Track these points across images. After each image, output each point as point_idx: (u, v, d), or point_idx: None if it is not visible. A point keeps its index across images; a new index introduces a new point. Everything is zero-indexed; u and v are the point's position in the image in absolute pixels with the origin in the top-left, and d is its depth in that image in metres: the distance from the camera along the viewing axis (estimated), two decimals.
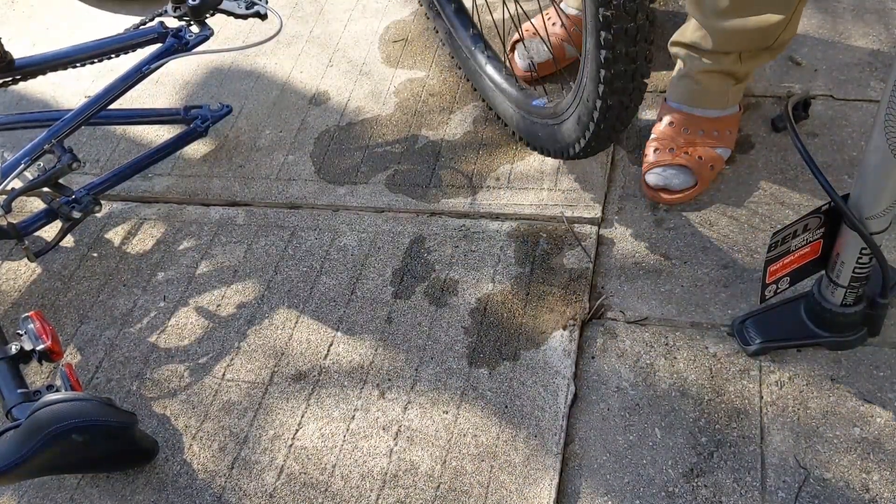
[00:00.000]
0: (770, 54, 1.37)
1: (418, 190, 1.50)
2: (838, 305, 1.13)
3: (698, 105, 1.41)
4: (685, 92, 1.41)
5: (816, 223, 1.06)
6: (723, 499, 1.06)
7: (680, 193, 1.38)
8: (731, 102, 1.42)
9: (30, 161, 1.37)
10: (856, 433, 1.10)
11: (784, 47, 1.37)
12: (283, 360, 1.29)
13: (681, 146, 1.39)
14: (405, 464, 1.15)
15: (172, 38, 1.50)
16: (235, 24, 1.86)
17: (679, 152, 1.38)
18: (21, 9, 2.09)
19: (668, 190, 1.38)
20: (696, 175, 1.38)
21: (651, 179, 1.39)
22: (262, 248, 1.46)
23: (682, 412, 1.15)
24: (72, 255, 1.50)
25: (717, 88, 1.39)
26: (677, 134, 1.40)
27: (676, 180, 1.37)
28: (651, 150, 1.41)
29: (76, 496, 1.18)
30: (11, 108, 1.81)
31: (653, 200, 1.41)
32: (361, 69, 1.75)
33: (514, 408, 1.18)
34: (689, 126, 1.40)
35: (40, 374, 1.33)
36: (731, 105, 1.43)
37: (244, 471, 1.17)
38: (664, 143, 1.40)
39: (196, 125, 1.61)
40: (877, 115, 0.92)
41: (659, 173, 1.38)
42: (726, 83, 1.39)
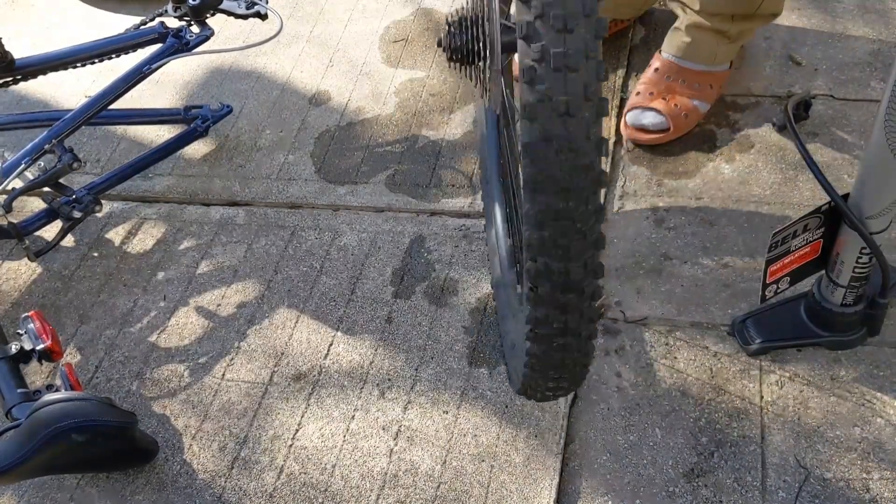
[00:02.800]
0: (761, 20, 1.43)
1: (418, 190, 1.50)
2: (838, 305, 1.13)
3: (686, 57, 1.47)
4: (676, 44, 1.47)
5: (816, 223, 1.06)
6: (723, 499, 1.06)
7: (653, 134, 1.45)
8: (720, 60, 1.47)
9: (30, 161, 1.37)
10: (856, 433, 1.10)
11: (774, 16, 1.43)
12: (283, 360, 1.29)
13: (661, 91, 1.46)
14: (405, 464, 1.15)
15: (173, 38, 1.50)
16: (236, 24, 1.86)
17: (657, 97, 1.46)
18: (21, 9, 2.09)
19: (643, 129, 1.46)
20: (669, 120, 1.44)
21: (629, 119, 1.47)
22: (263, 247, 1.46)
23: (682, 412, 1.15)
24: (72, 254, 1.50)
25: (706, 44, 1.44)
26: (660, 80, 1.47)
27: (650, 122, 1.45)
28: (634, 94, 1.49)
29: (76, 496, 1.18)
30: (11, 108, 1.81)
31: (629, 139, 1.48)
32: (362, 69, 1.75)
33: (514, 408, 1.18)
34: (672, 74, 1.47)
35: (40, 373, 1.33)
36: (721, 62, 1.48)
37: (244, 471, 1.17)
38: (647, 87, 1.48)
39: (196, 125, 1.61)
40: (877, 114, 0.92)
41: (636, 114, 1.46)
42: (717, 40, 1.44)
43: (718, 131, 1.49)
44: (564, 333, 0.85)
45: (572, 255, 0.79)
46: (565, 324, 0.84)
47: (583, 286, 0.81)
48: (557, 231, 0.77)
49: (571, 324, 0.84)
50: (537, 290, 0.82)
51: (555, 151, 0.74)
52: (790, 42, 1.61)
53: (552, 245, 0.78)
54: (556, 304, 0.83)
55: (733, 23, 1.41)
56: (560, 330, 0.85)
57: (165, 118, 1.67)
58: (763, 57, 1.59)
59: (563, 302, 0.82)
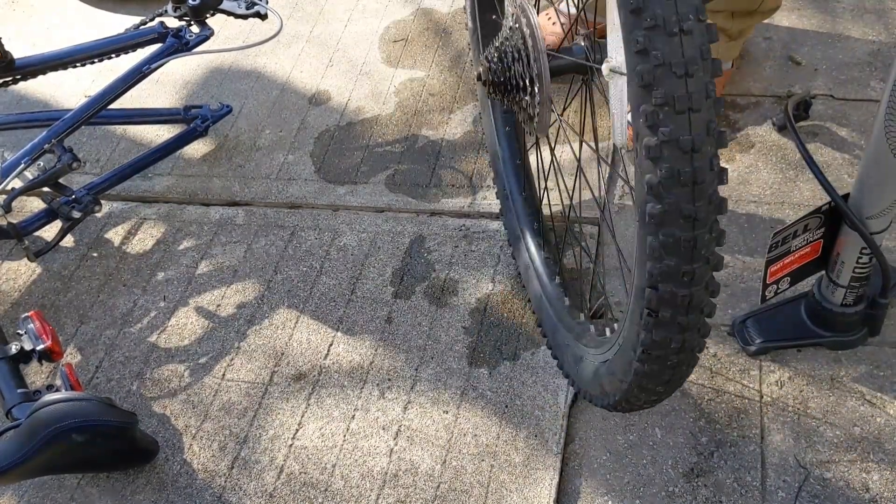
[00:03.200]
0: (761, 16, 1.42)
1: (418, 190, 1.50)
2: (838, 305, 1.13)
3: None
4: None
5: (816, 223, 1.06)
6: (723, 498, 1.06)
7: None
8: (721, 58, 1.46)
9: (30, 161, 1.37)
10: (856, 433, 1.10)
11: (773, 12, 1.43)
12: (283, 360, 1.29)
13: None
14: (405, 463, 1.15)
15: (172, 38, 1.50)
16: (235, 24, 1.86)
17: None
18: (21, 9, 2.09)
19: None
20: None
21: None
22: (262, 247, 1.46)
23: (682, 412, 1.15)
24: (72, 254, 1.50)
25: None
26: None
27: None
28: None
29: (76, 496, 1.18)
30: (11, 108, 1.81)
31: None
32: (361, 69, 1.75)
33: (514, 407, 1.18)
34: None
35: (40, 373, 1.33)
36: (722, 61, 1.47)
37: (244, 470, 1.17)
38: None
39: (196, 125, 1.61)
40: (877, 114, 0.92)
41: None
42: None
43: None
44: (680, 352, 0.88)
45: (696, 280, 0.83)
46: (682, 343, 0.87)
47: (702, 307, 0.85)
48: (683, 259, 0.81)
49: (688, 342, 0.87)
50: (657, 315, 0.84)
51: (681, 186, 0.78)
52: (790, 42, 1.61)
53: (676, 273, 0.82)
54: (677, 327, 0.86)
55: (734, 20, 1.41)
56: (676, 350, 0.88)
57: (165, 118, 1.67)
58: (763, 57, 1.59)
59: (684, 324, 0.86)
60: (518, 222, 1.32)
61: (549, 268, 1.25)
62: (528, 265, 1.27)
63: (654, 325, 0.85)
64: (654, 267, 0.82)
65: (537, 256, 1.27)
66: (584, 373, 1.07)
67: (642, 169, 0.79)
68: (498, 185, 1.39)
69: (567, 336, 1.13)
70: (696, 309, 0.85)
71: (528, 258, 1.28)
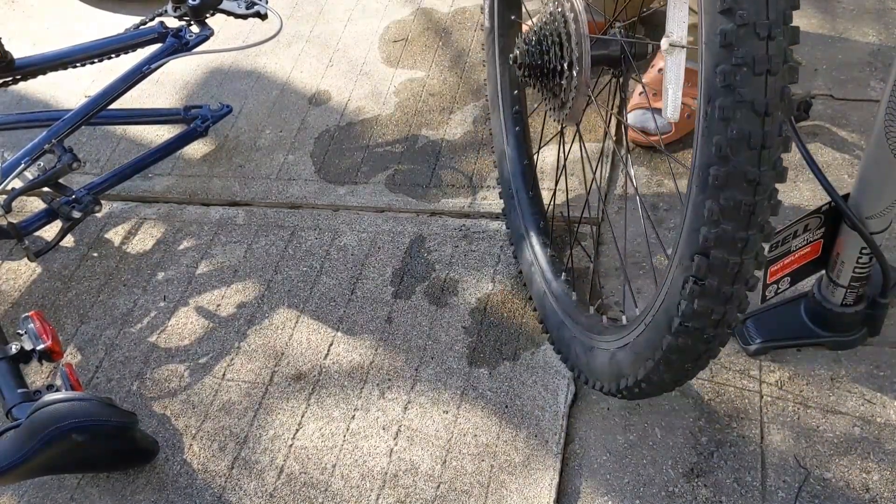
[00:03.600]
0: None
1: (418, 190, 1.50)
2: (838, 305, 1.13)
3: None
4: None
5: (817, 223, 1.06)
6: (723, 499, 1.06)
7: (656, 136, 1.46)
8: None
9: (30, 161, 1.37)
10: (856, 433, 1.10)
11: None
12: (283, 360, 1.29)
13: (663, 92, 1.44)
14: (405, 463, 1.15)
15: (172, 38, 1.50)
16: (235, 24, 1.86)
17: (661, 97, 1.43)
18: (21, 9, 2.09)
19: (645, 132, 1.45)
20: (672, 122, 1.45)
21: (631, 120, 1.46)
22: (262, 247, 1.46)
23: (682, 412, 1.15)
24: (72, 254, 1.50)
25: None
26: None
27: (652, 124, 1.44)
28: (637, 93, 1.48)
29: (76, 496, 1.18)
30: (11, 108, 1.81)
31: (630, 140, 1.47)
32: (361, 69, 1.75)
33: (514, 407, 1.18)
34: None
35: (40, 373, 1.33)
36: None
37: (244, 471, 1.17)
38: (650, 87, 1.48)
39: (196, 125, 1.61)
40: (877, 114, 0.92)
41: (639, 115, 1.46)
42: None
43: None
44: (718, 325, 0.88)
45: (748, 248, 0.82)
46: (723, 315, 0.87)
47: (748, 278, 0.85)
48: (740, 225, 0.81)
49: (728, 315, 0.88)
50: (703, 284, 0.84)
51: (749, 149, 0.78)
52: None
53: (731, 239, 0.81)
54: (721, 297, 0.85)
55: None
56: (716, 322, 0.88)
57: (165, 118, 1.67)
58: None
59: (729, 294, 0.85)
60: (523, 221, 1.33)
61: (555, 265, 1.25)
62: (532, 263, 1.28)
63: (698, 294, 0.85)
64: (710, 232, 0.82)
65: (542, 254, 1.27)
66: (595, 362, 1.07)
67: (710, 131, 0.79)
68: (503, 185, 1.39)
69: (575, 329, 1.14)
70: (742, 279, 0.85)
71: (531, 256, 1.29)
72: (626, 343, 1.01)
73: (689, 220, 0.84)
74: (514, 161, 1.37)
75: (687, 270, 0.85)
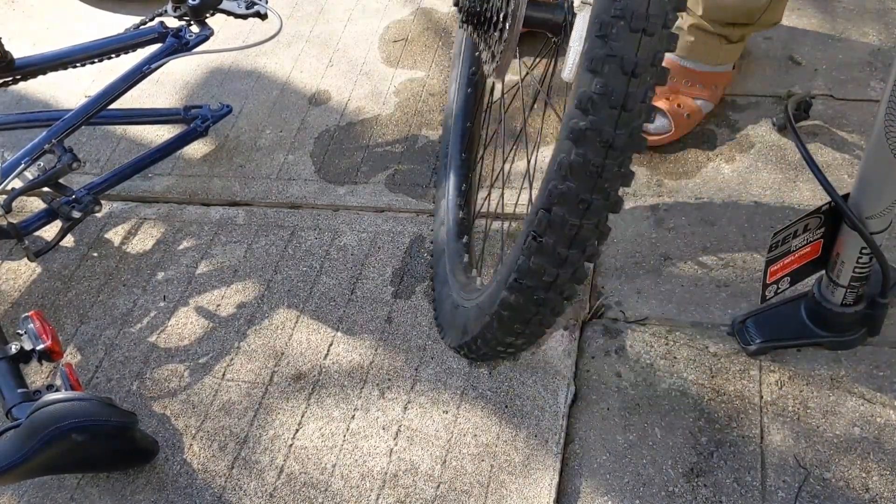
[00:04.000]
0: (760, 27, 1.45)
1: (418, 190, 1.50)
2: (838, 305, 1.13)
3: (689, 57, 1.47)
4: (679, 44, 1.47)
5: (817, 223, 1.06)
6: (723, 499, 1.06)
7: (656, 136, 1.45)
8: (722, 60, 1.48)
9: (30, 161, 1.37)
10: (856, 433, 1.10)
11: (773, 25, 1.45)
12: (283, 360, 1.29)
13: (664, 92, 1.46)
14: (405, 463, 1.15)
15: (172, 38, 1.50)
16: (235, 24, 1.86)
17: (660, 97, 1.46)
18: (21, 9, 2.09)
19: (645, 132, 1.44)
20: (672, 121, 1.45)
21: None
22: (262, 247, 1.46)
23: (682, 412, 1.15)
24: (72, 254, 1.50)
25: (709, 45, 1.45)
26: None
27: (653, 124, 1.44)
28: None
29: (76, 496, 1.18)
30: (11, 108, 1.81)
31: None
32: (361, 69, 1.75)
33: (514, 407, 1.18)
34: (676, 75, 1.47)
35: (40, 373, 1.33)
36: (724, 63, 1.49)
37: (244, 470, 1.17)
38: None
39: (196, 125, 1.61)
40: (877, 114, 0.92)
41: None
42: (719, 42, 1.45)
43: (718, 131, 1.49)
44: (549, 289, 0.86)
45: (590, 212, 0.79)
46: (555, 278, 0.84)
47: (586, 245, 0.82)
48: (585, 185, 0.78)
49: (560, 280, 0.84)
50: (540, 240, 0.81)
51: (609, 107, 0.75)
52: (790, 42, 1.61)
53: (574, 198, 0.78)
54: (555, 258, 0.83)
55: (734, 28, 1.41)
56: (547, 284, 0.85)
57: (165, 118, 1.67)
58: (763, 57, 1.59)
59: (564, 257, 0.82)
60: (447, 180, 1.37)
61: (461, 227, 1.28)
62: (443, 222, 1.31)
63: (535, 251, 0.83)
64: (556, 187, 0.79)
65: (453, 215, 1.30)
66: (456, 319, 1.08)
67: (579, 82, 0.76)
68: (443, 139, 1.42)
69: (454, 288, 1.16)
70: (579, 244, 0.82)
71: (444, 215, 1.32)
72: (478, 301, 1.01)
73: (546, 173, 0.82)
74: (458, 119, 1.40)
75: (530, 225, 0.83)
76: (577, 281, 0.87)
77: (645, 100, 0.76)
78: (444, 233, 1.27)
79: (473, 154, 1.38)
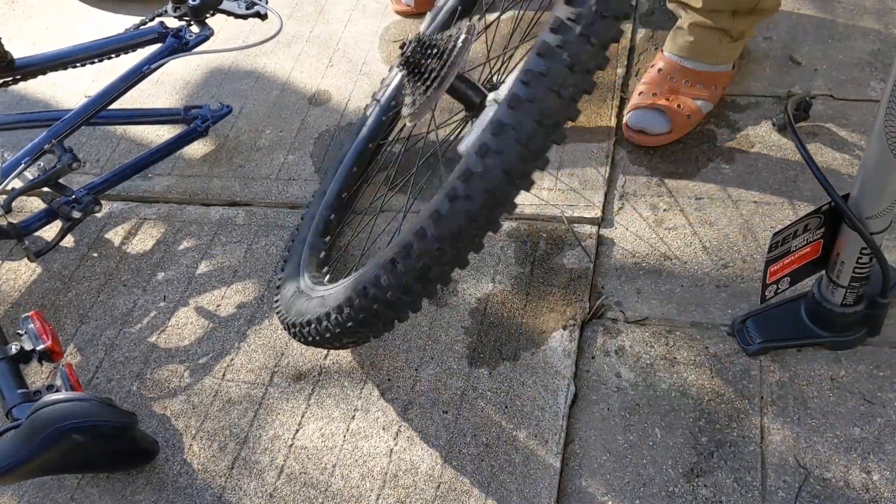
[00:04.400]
0: (762, 14, 1.45)
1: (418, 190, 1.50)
2: (838, 305, 1.13)
3: (689, 57, 1.48)
4: (678, 44, 1.48)
5: (817, 223, 1.06)
6: (723, 499, 1.06)
7: (655, 137, 1.46)
8: (722, 59, 1.48)
9: (30, 161, 1.37)
10: (856, 433, 1.10)
11: (773, 10, 1.45)
12: (283, 360, 1.29)
13: (664, 92, 1.47)
14: (405, 464, 1.15)
15: (173, 38, 1.50)
16: (235, 24, 1.86)
17: (660, 97, 1.46)
18: (21, 9, 2.09)
19: (644, 133, 1.46)
20: (671, 122, 1.45)
21: (630, 120, 1.47)
22: (263, 247, 1.46)
23: (682, 412, 1.15)
24: (72, 255, 1.50)
25: (709, 43, 1.45)
26: (664, 80, 1.48)
27: (652, 123, 1.45)
28: (636, 94, 1.49)
29: (76, 496, 1.18)
30: (11, 108, 1.81)
31: (630, 141, 1.49)
32: (361, 69, 1.75)
33: (514, 408, 1.18)
34: (676, 75, 1.48)
35: (40, 373, 1.33)
36: (724, 62, 1.49)
37: (244, 470, 1.17)
38: (650, 87, 1.48)
39: (196, 125, 1.61)
40: (877, 115, 0.92)
41: (638, 115, 1.46)
42: (720, 39, 1.45)
43: (718, 131, 1.49)
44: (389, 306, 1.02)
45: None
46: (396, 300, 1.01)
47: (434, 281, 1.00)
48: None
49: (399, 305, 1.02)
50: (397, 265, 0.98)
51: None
52: (790, 42, 1.61)
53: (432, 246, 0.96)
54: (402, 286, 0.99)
55: (734, 19, 1.41)
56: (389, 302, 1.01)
57: (165, 118, 1.67)
58: (763, 57, 1.59)
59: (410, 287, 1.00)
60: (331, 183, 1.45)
61: (327, 226, 1.38)
62: (313, 217, 1.40)
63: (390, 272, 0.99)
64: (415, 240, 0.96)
65: (324, 215, 1.39)
66: (297, 303, 1.19)
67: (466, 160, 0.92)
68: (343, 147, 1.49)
69: (304, 276, 1.26)
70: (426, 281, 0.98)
71: (315, 212, 1.41)
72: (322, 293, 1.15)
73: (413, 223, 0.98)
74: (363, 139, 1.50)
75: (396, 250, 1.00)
76: (412, 308, 1.02)
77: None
78: (308, 227, 1.38)
79: (363, 173, 1.48)
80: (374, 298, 1.01)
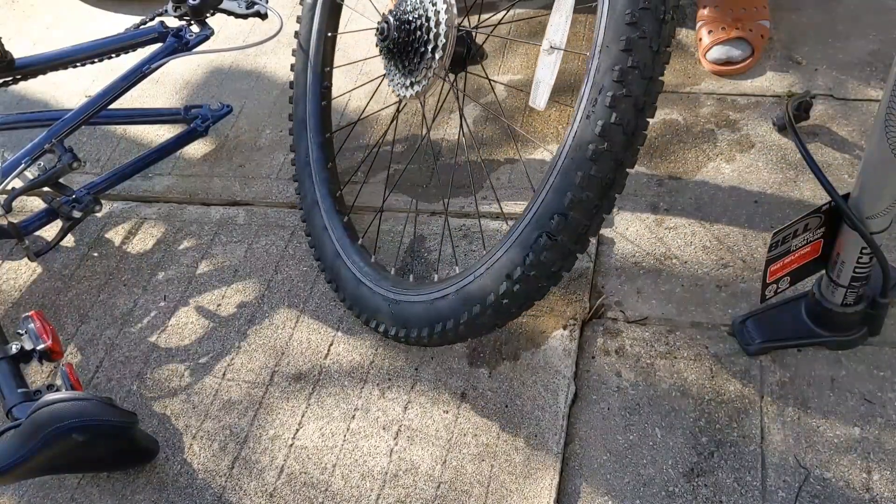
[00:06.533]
0: None
1: (418, 190, 1.50)
2: (839, 305, 1.13)
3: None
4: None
5: (817, 223, 1.06)
6: (723, 498, 1.06)
7: (742, 63, 1.55)
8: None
9: (30, 161, 1.37)
10: (856, 433, 1.10)
11: None
12: (284, 359, 1.29)
13: (730, 24, 1.56)
14: (405, 463, 1.15)
15: (173, 38, 1.50)
16: (236, 23, 1.86)
17: (732, 28, 1.56)
18: (21, 9, 2.09)
19: (730, 62, 1.56)
20: (752, 45, 1.55)
21: (713, 55, 1.56)
22: (263, 247, 1.46)
23: (682, 412, 1.15)
24: (72, 254, 1.50)
25: None
26: (724, 14, 1.58)
27: (737, 52, 1.55)
28: (705, 32, 1.59)
29: (76, 496, 1.18)
30: (11, 108, 1.81)
31: (718, 75, 1.57)
32: (361, 69, 1.75)
33: (514, 407, 1.18)
34: (732, 6, 1.57)
35: (41, 373, 1.33)
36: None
37: (244, 470, 1.17)
38: (715, 24, 1.58)
39: (196, 125, 1.61)
40: (877, 114, 0.92)
41: (719, 49, 1.56)
42: None
43: (718, 131, 1.49)
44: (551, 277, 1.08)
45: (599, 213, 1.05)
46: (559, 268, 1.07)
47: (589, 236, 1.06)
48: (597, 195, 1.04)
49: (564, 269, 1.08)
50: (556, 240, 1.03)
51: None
52: (790, 42, 1.62)
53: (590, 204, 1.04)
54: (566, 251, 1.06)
55: None
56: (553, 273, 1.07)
57: (165, 118, 1.67)
58: (763, 57, 1.59)
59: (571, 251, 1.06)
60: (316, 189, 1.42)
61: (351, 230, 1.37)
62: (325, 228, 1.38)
63: (546, 248, 1.02)
64: (575, 195, 1.00)
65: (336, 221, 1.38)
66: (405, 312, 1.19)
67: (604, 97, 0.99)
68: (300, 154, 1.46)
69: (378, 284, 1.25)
70: (584, 240, 1.04)
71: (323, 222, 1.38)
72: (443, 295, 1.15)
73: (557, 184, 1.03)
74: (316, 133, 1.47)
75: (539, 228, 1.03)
76: (568, 269, 1.07)
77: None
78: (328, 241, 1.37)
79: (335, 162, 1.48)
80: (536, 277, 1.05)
